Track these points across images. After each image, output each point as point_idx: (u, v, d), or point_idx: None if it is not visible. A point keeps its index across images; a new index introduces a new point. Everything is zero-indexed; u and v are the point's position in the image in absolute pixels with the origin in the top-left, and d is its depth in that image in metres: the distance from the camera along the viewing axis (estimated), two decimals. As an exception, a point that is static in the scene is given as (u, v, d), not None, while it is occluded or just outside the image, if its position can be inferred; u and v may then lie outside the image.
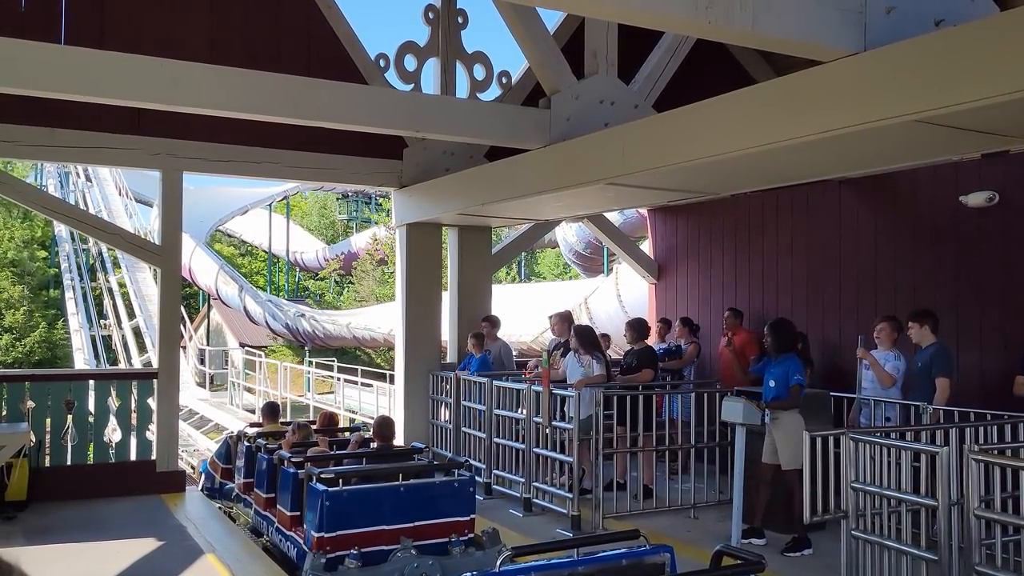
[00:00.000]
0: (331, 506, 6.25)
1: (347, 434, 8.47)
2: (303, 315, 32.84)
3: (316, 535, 6.20)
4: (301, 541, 6.51)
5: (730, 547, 3.48)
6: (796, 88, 5.27)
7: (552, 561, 3.63)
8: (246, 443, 8.23)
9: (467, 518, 6.81)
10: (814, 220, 9.67)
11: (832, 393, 7.87)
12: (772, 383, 7.00)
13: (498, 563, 3.50)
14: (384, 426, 7.52)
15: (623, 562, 3.62)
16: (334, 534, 6.26)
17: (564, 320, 9.62)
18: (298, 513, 6.80)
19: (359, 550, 6.24)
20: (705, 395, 8.27)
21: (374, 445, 7.49)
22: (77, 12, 8.38)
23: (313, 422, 9.22)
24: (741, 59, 11.02)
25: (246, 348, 31.37)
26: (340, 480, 6.36)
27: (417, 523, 6.52)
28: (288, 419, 10.41)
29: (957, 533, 5.04)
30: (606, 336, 10.24)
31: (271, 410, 9.62)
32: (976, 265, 8.13)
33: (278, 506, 7.15)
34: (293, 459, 7.07)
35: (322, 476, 6.33)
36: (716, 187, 8.14)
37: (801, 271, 9.79)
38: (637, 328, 8.96)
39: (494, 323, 10.22)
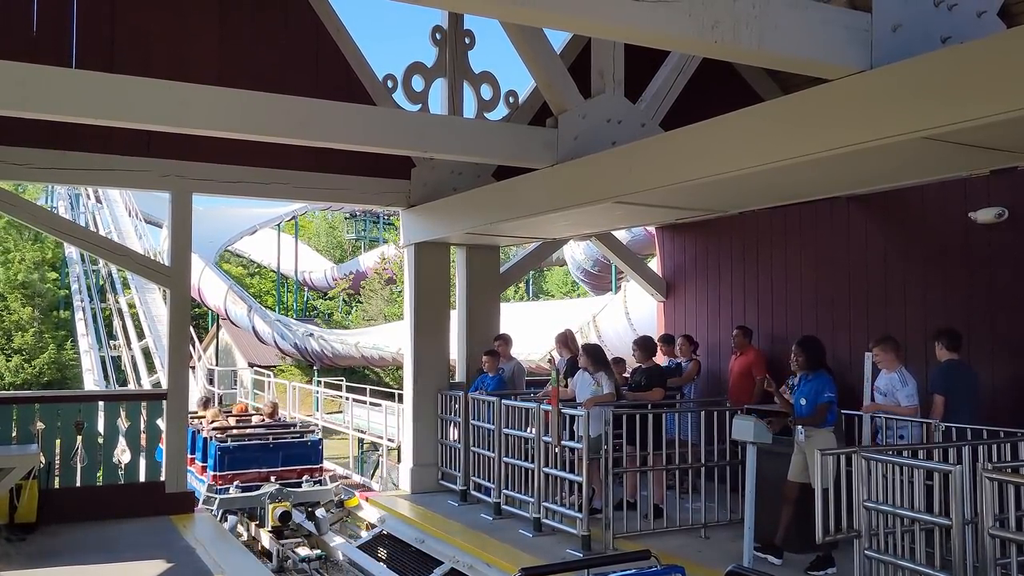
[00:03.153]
0: (220, 455, 10.72)
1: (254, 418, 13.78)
2: (312, 335, 32.85)
3: (212, 473, 10.53)
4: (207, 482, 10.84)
5: (742, 567, 3.46)
6: (803, 106, 5.28)
7: None
8: None
9: (316, 466, 11.67)
10: (822, 237, 9.65)
11: (843, 411, 7.83)
12: (803, 401, 6.93)
13: None
14: (273, 409, 13.78)
15: None
16: (224, 473, 10.73)
17: (559, 342, 9.68)
18: (206, 464, 11.05)
19: (240, 483, 10.70)
20: (715, 414, 8.22)
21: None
22: (88, 36, 8.47)
23: (229, 410, 15.27)
24: (747, 77, 11.04)
25: (255, 368, 31.43)
26: (228, 439, 11.12)
27: (281, 468, 11.21)
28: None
29: (972, 552, 4.99)
30: (620, 360, 10.18)
31: (204, 402, 14.62)
32: (986, 282, 8.09)
33: (196, 461, 11.20)
34: (206, 428, 11.69)
35: (217, 437, 10.92)
36: (724, 205, 8.14)
37: (810, 288, 9.76)
38: (645, 347, 8.93)
39: (507, 341, 10.21)
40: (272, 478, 11.18)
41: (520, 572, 3.61)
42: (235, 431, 12.37)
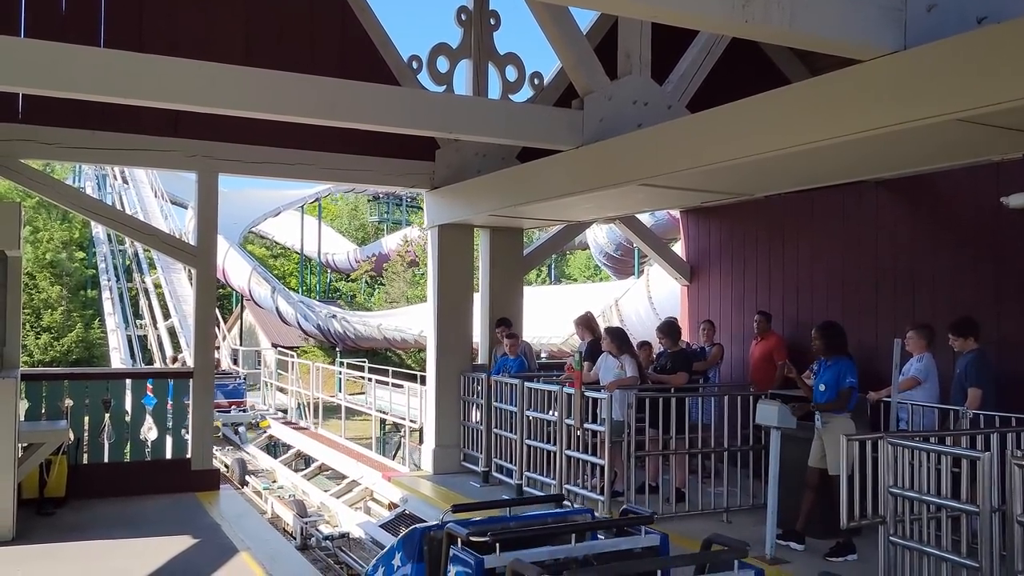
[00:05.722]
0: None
1: None
2: (334, 316, 33.02)
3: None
4: None
5: (719, 535, 3.59)
6: (833, 87, 5.20)
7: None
8: None
9: (240, 400, 20.46)
10: (850, 222, 9.53)
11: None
12: (823, 387, 6.80)
13: (441, 518, 3.81)
14: (216, 362, 16.60)
15: (549, 521, 4.03)
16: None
17: (580, 325, 9.67)
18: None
19: None
20: (738, 398, 8.18)
21: None
22: (117, 15, 8.52)
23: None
24: (775, 59, 10.91)
25: (278, 348, 31.61)
26: None
27: (216, 400, 12.29)
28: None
29: (999, 540, 4.94)
30: (646, 344, 10.09)
31: (173, 359, 21.28)
32: (1018, 268, 7.96)
33: None
34: None
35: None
36: (750, 188, 8.07)
37: (836, 273, 9.66)
38: (670, 332, 8.89)
39: (511, 325, 10.23)
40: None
41: (451, 508, 4.18)
42: None
